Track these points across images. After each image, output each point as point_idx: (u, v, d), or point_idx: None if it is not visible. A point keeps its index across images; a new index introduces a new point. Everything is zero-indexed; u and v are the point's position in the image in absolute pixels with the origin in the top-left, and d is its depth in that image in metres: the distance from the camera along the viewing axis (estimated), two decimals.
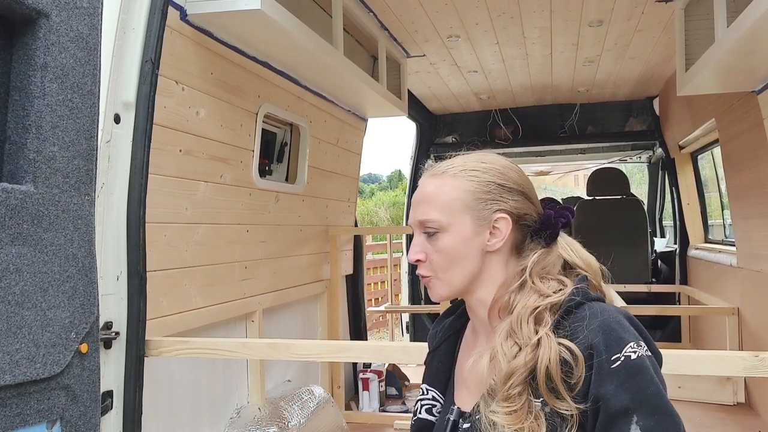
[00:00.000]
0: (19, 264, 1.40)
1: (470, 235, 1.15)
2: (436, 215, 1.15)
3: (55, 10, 1.46)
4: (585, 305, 1.08)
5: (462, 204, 1.15)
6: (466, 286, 1.17)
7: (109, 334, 1.87)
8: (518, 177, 1.19)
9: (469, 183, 1.16)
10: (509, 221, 1.15)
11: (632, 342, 1.02)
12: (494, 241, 1.15)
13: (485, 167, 1.18)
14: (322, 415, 3.42)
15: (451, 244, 1.15)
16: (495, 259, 1.17)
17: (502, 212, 1.15)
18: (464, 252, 1.15)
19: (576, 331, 1.04)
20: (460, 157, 1.24)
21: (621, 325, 1.04)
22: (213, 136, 2.59)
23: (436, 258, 1.16)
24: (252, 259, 3.04)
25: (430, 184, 1.19)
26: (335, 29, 3.08)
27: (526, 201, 1.18)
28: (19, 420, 1.42)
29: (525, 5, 3.52)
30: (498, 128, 6.22)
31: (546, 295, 1.10)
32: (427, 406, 1.26)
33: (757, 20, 2.22)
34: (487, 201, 1.15)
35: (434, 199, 1.17)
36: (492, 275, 1.17)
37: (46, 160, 1.45)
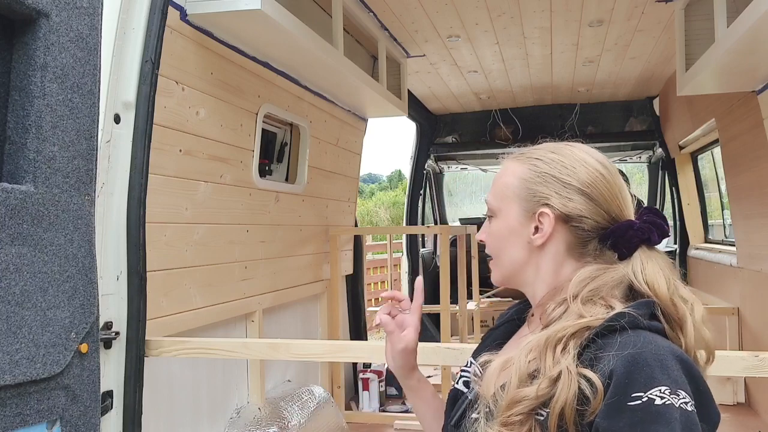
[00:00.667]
0: (19, 264, 1.40)
1: (516, 224, 1.10)
2: (491, 199, 1.14)
3: (55, 10, 1.46)
4: (625, 332, 0.92)
5: (513, 191, 1.11)
6: (514, 276, 1.13)
7: (109, 334, 1.87)
8: (587, 175, 1.07)
9: (526, 171, 1.11)
10: (552, 219, 1.06)
11: (666, 387, 0.86)
12: (537, 236, 1.08)
13: (550, 157, 1.10)
14: (322, 415, 3.42)
15: (498, 230, 1.12)
16: (546, 256, 1.09)
17: (547, 207, 1.07)
18: (509, 241, 1.11)
19: (601, 357, 0.91)
20: (546, 143, 1.16)
21: (662, 365, 0.88)
22: (213, 136, 2.59)
23: (489, 241, 1.15)
24: (252, 259, 3.04)
25: (502, 167, 1.16)
26: (335, 29, 3.08)
27: (588, 203, 1.06)
28: (19, 420, 1.42)
29: (525, 5, 3.52)
30: (498, 128, 6.22)
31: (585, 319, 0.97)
32: (466, 379, 1.19)
33: (757, 20, 2.22)
34: (537, 193, 1.08)
35: (495, 182, 1.16)
36: (542, 273, 1.10)
37: (46, 160, 1.45)
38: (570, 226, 1.07)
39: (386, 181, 32.50)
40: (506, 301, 6.65)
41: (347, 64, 3.20)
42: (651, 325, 0.95)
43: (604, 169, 1.09)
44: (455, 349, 1.87)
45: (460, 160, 6.93)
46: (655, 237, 1.05)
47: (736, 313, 4.20)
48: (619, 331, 0.93)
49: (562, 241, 1.08)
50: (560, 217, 1.06)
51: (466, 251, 4.98)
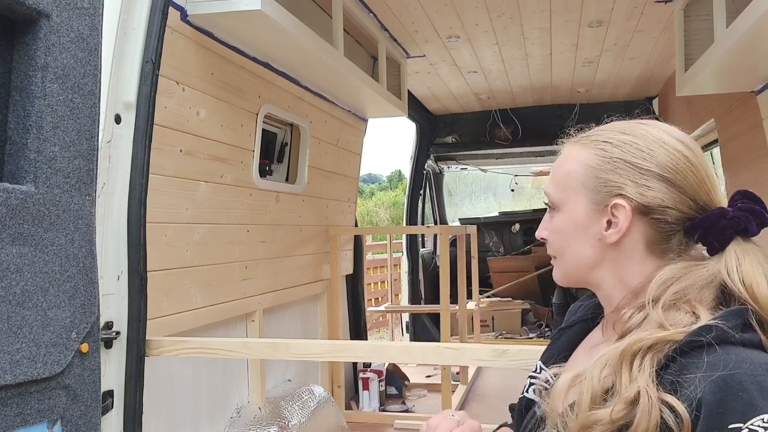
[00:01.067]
0: (20, 264, 1.40)
1: (583, 219, 0.95)
2: (552, 190, 1.00)
3: (55, 10, 1.46)
4: (713, 350, 0.78)
5: (579, 181, 0.96)
6: (582, 276, 0.99)
7: (109, 333, 1.88)
8: (668, 158, 0.92)
9: (594, 157, 0.95)
10: (628, 212, 0.91)
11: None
12: (610, 232, 0.93)
13: (622, 139, 0.95)
14: (322, 415, 3.42)
15: (562, 225, 0.98)
16: (622, 254, 0.94)
17: (622, 198, 0.92)
18: (575, 237, 0.96)
19: (685, 381, 0.77)
20: (613, 122, 1.01)
21: (762, 388, 0.74)
22: (213, 137, 2.59)
23: (552, 238, 1.01)
24: (252, 259, 3.04)
25: (561, 153, 1.02)
26: (335, 29, 3.09)
27: (670, 191, 0.91)
28: (19, 420, 1.42)
29: (525, 6, 3.53)
30: (498, 128, 6.23)
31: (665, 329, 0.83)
32: (537, 386, 1.07)
33: (757, 20, 2.22)
34: (608, 182, 0.93)
35: (556, 170, 1.01)
36: (618, 274, 0.95)
37: (46, 160, 1.45)
38: (650, 219, 0.92)
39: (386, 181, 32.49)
40: (506, 301, 6.66)
41: (347, 64, 3.21)
42: (744, 339, 0.80)
43: (687, 149, 0.94)
44: (455, 349, 1.88)
45: (460, 161, 6.94)
46: (753, 227, 0.89)
47: None
48: (705, 348, 0.78)
49: (641, 236, 0.93)
50: (638, 209, 0.91)
51: (465, 251, 4.98)
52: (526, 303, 6.69)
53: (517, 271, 7.00)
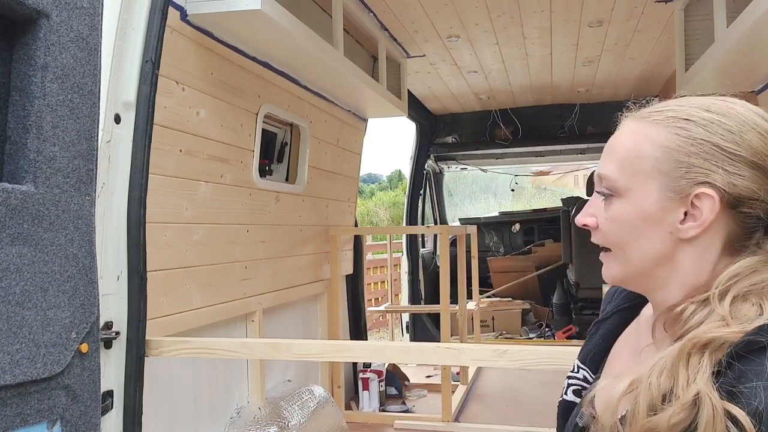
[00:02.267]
0: (20, 264, 1.40)
1: (654, 209, 0.82)
2: (614, 172, 0.85)
3: (55, 10, 1.46)
4: None
5: (652, 165, 0.82)
6: (644, 275, 0.85)
7: (109, 333, 1.87)
8: (760, 141, 0.80)
9: (672, 137, 0.81)
10: (716, 202, 0.79)
11: None
12: (688, 225, 0.81)
13: (708, 118, 0.82)
14: (322, 415, 3.42)
15: (624, 214, 0.84)
16: (692, 252, 0.82)
17: (709, 187, 0.79)
18: (642, 230, 0.83)
19: (743, 391, 0.69)
20: (687, 98, 0.88)
21: None
22: (213, 137, 2.59)
23: (607, 228, 0.86)
24: (252, 259, 3.04)
25: (624, 131, 0.87)
26: (335, 29, 3.08)
27: (761, 179, 0.80)
28: (19, 420, 1.42)
29: (525, 5, 3.53)
30: (498, 128, 6.22)
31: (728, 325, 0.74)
32: (576, 387, 0.99)
33: (757, 20, 2.22)
34: (691, 167, 0.80)
35: (620, 149, 0.85)
36: (682, 274, 0.83)
37: (46, 160, 1.45)
38: (737, 212, 0.80)
39: (386, 181, 32.49)
40: (506, 301, 6.66)
41: (347, 64, 3.21)
42: None
43: None
44: (455, 349, 1.88)
45: (460, 160, 6.94)
46: None
47: None
48: (767, 351, 0.71)
49: (722, 231, 0.81)
50: (727, 201, 0.79)
51: (466, 251, 4.98)
52: (526, 303, 6.69)
53: (517, 271, 7.00)
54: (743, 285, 0.77)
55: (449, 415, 3.97)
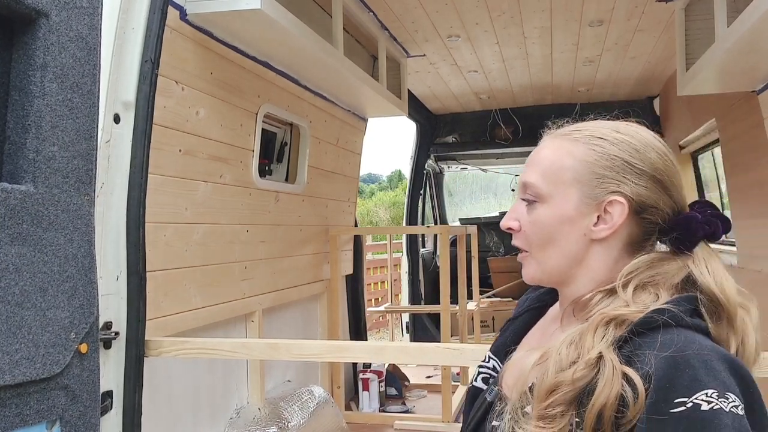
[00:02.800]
0: (19, 264, 1.40)
1: (573, 213, 0.96)
2: (539, 181, 0.98)
3: (54, 9, 1.46)
4: (669, 330, 0.84)
5: (573, 175, 0.96)
6: (561, 273, 0.98)
7: (108, 334, 1.87)
8: (659, 159, 0.96)
9: (589, 152, 0.97)
10: (625, 208, 0.94)
11: (713, 390, 0.77)
12: (601, 228, 0.95)
13: (617, 138, 0.97)
14: (322, 415, 3.42)
15: (546, 218, 0.97)
16: (601, 251, 0.97)
17: (620, 195, 0.94)
18: (561, 232, 0.96)
19: (638, 358, 0.82)
20: (598, 121, 1.03)
21: (707, 366, 0.79)
22: (213, 136, 2.59)
23: (530, 231, 0.99)
24: (252, 259, 3.04)
25: (547, 146, 1.02)
26: (335, 29, 3.08)
27: (659, 191, 0.95)
28: (18, 420, 1.42)
29: (525, 5, 3.52)
30: (498, 128, 6.22)
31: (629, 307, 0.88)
32: (485, 375, 1.11)
33: (757, 20, 2.22)
34: (605, 178, 0.95)
35: (543, 162, 1.00)
36: (593, 270, 0.97)
37: (45, 160, 1.45)
38: (640, 218, 0.95)
39: (386, 181, 32.50)
40: (506, 301, 6.65)
41: (347, 64, 3.20)
42: (694, 324, 0.86)
43: (672, 154, 0.99)
44: (455, 349, 1.87)
45: (460, 160, 6.93)
46: (719, 231, 0.95)
47: None
48: (660, 329, 0.84)
49: (626, 234, 0.96)
50: (632, 208, 0.94)
51: (466, 251, 4.98)
52: None
53: (517, 271, 6.87)
54: (642, 277, 0.92)
55: (449, 416, 3.96)
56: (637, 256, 0.95)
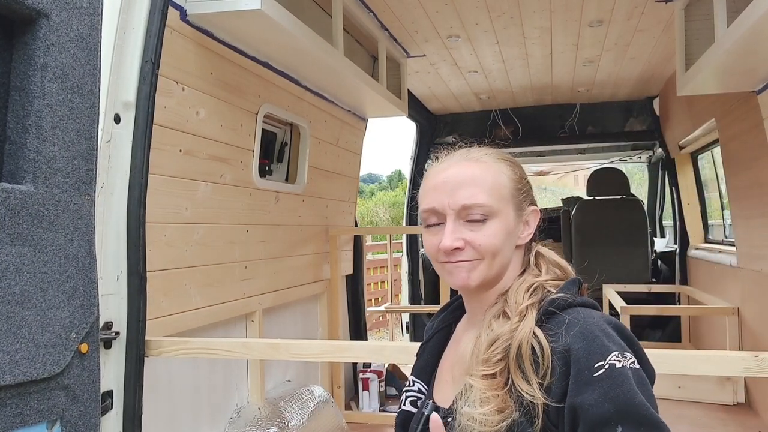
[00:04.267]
0: (19, 264, 1.40)
1: (512, 225, 1.12)
2: (487, 199, 1.10)
3: (55, 10, 1.46)
4: (573, 309, 1.04)
5: (508, 191, 1.13)
6: (498, 278, 1.13)
7: (109, 334, 1.87)
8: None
9: (511, 171, 1.15)
10: (538, 215, 1.16)
11: (616, 351, 0.97)
12: (525, 234, 1.15)
13: (514, 159, 1.18)
14: (322, 415, 3.42)
15: (497, 232, 1.10)
16: (518, 252, 1.16)
17: (534, 206, 1.16)
18: (507, 242, 1.12)
19: (553, 337, 1.00)
20: (479, 147, 1.20)
21: (605, 333, 0.99)
22: (213, 136, 2.59)
23: (485, 243, 1.09)
24: (252, 259, 3.04)
25: (472, 168, 1.13)
26: (335, 29, 3.08)
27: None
28: (19, 420, 1.42)
29: (525, 5, 3.52)
30: (498, 128, 6.22)
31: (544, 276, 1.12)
32: (412, 398, 1.22)
33: (757, 20, 2.22)
34: (523, 192, 1.15)
35: (482, 182, 1.11)
36: (513, 269, 1.15)
37: (46, 160, 1.45)
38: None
39: (386, 181, 32.48)
40: None
41: (347, 64, 3.20)
42: (583, 301, 1.07)
43: None
44: None
45: None
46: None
47: (736, 313, 4.20)
48: (563, 310, 1.03)
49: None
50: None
51: None
52: None
53: None
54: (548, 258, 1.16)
55: None
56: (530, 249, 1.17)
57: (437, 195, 1.13)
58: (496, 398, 0.99)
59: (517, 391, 0.99)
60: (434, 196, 1.14)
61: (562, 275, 1.14)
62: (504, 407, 0.98)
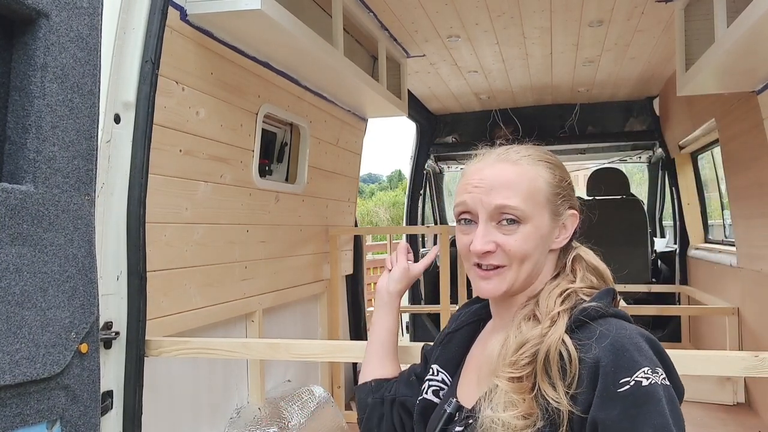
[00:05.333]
0: (19, 264, 1.40)
1: (546, 230, 1.11)
2: (520, 203, 1.08)
3: (55, 10, 1.46)
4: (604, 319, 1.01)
5: (544, 196, 1.11)
6: (529, 281, 1.13)
7: (109, 334, 1.87)
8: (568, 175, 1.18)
9: (549, 174, 1.12)
10: (577, 218, 1.14)
11: (647, 367, 0.94)
12: (561, 238, 1.13)
13: (556, 161, 1.15)
14: (322, 415, 3.42)
15: (530, 236, 1.09)
16: (552, 256, 1.14)
17: (573, 209, 1.14)
18: (539, 247, 1.10)
19: (583, 348, 0.98)
20: (529, 146, 1.18)
21: (637, 347, 0.96)
22: (213, 136, 2.59)
23: (515, 248, 1.09)
24: (252, 259, 3.04)
25: (507, 170, 1.11)
26: (335, 29, 3.08)
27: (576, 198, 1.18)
28: (19, 420, 1.42)
29: (525, 5, 3.52)
30: (498, 128, 6.22)
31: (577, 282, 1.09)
32: (435, 387, 1.21)
33: (757, 20, 2.22)
34: (562, 196, 1.12)
35: (516, 185, 1.10)
36: (545, 274, 1.14)
37: (46, 160, 1.45)
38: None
39: (386, 181, 32.50)
40: None
41: (347, 64, 3.20)
42: (617, 312, 1.04)
43: None
44: None
45: (460, 160, 6.92)
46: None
47: (736, 313, 4.20)
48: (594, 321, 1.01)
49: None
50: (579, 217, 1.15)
51: None
52: None
53: None
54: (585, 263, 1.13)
55: None
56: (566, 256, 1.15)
57: (471, 194, 1.12)
58: (522, 403, 0.98)
59: (543, 398, 0.98)
60: (468, 195, 1.12)
61: (597, 283, 1.11)
62: (529, 413, 0.97)
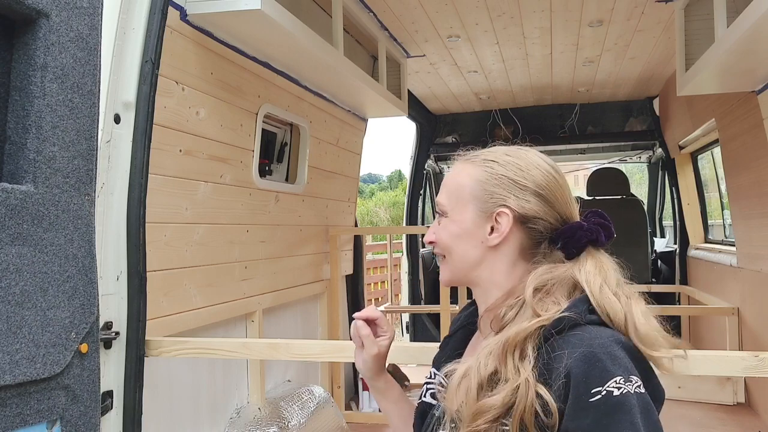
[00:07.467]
0: (19, 264, 1.40)
1: (470, 225, 1.14)
2: (444, 199, 1.18)
3: (55, 10, 1.46)
4: (575, 329, 0.99)
5: (469, 192, 1.15)
6: (465, 274, 1.17)
7: (109, 334, 1.87)
8: (542, 178, 1.12)
9: (482, 173, 1.15)
10: (510, 219, 1.11)
11: (619, 377, 0.93)
12: (493, 236, 1.12)
13: (505, 160, 1.15)
14: (322, 415, 3.42)
15: (451, 230, 1.16)
16: (498, 257, 1.13)
17: (506, 208, 1.11)
18: (462, 240, 1.15)
19: (556, 359, 0.96)
20: (498, 147, 1.21)
21: (611, 356, 0.95)
22: (213, 136, 2.59)
23: (441, 241, 1.17)
24: (252, 259, 3.04)
25: (454, 169, 1.21)
26: (335, 29, 3.08)
27: (541, 204, 1.11)
28: (19, 420, 1.42)
29: (525, 5, 3.52)
30: (498, 128, 6.22)
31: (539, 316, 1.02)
32: (433, 390, 1.22)
33: (757, 20, 2.22)
34: (494, 194, 1.12)
35: (449, 183, 1.19)
36: (495, 274, 1.13)
37: (46, 160, 1.45)
38: (525, 227, 1.12)
39: (386, 181, 32.50)
40: None
41: (347, 64, 3.20)
42: (591, 320, 1.01)
43: (556, 172, 1.15)
44: None
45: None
46: (602, 238, 1.11)
47: (736, 313, 4.20)
48: (566, 331, 0.99)
49: (517, 241, 1.13)
50: (517, 218, 1.11)
51: None
52: None
53: None
54: (541, 282, 1.06)
55: None
56: (535, 261, 1.11)
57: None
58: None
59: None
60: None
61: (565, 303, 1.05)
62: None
